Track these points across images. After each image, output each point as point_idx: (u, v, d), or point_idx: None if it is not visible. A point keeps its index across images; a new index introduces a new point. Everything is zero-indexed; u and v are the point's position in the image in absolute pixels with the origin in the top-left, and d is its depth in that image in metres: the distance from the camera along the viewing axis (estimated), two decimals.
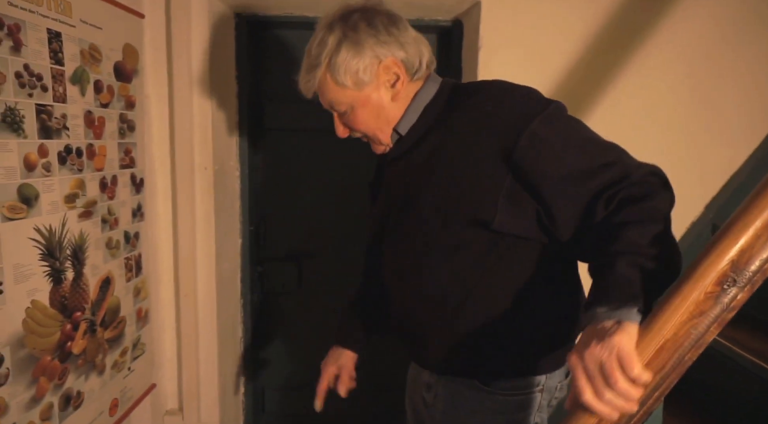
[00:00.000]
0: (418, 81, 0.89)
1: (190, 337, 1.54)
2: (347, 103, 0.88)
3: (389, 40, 0.84)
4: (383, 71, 0.85)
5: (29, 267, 0.93)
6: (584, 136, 0.80)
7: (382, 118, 0.89)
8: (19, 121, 0.90)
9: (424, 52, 0.88)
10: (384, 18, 0.85)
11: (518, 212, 0.81)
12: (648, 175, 0.76)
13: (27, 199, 0.92)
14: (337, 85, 0.86)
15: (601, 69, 1.47)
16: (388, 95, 0.87)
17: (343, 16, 0.85)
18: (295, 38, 1.66)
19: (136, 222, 1.33)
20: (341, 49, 0.83)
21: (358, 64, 0.83)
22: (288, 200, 1.75)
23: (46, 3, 0.94)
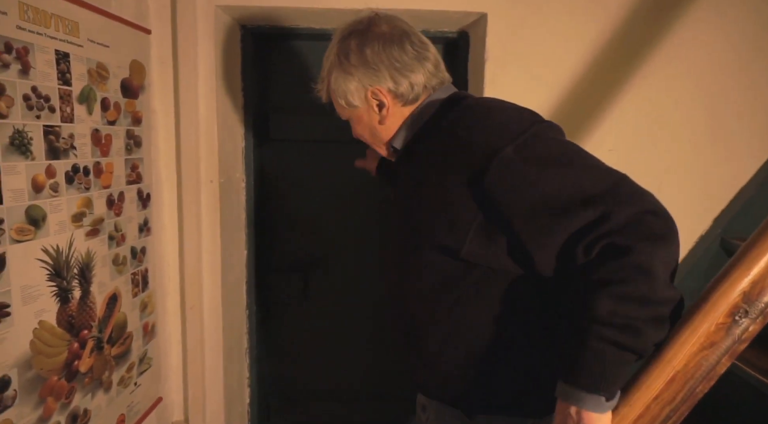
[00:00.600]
0: (416, 102, 0.89)
1: (196, 349, 1.54)
2: (346, 116, 0.94)
3: (377, 68, 0.84)
4: (371, 97, 0.87)
5: (37, 288, 0.93)
6: (567, 162, 0.72)
7: (376, 135, 0.93)
8: (27, 144, 0.90)
9: (420, 79, 0.86)
10: (377, 44, 0.84)
11: (491, 244, 0.76)
12: (638, 216, 0.66)
13: (35, 221, 0.92)
14: (335, 101, 0.93)
15: (608, 82, 1.46)
16: (377, 118, 0.90)
17: (343, 38, 0.88)
18: (301, 50, 1.66)
19: (143, 237, 1.33)
20: (333, 72, 0.88)
21: (347, 89, 0.87)
22: (294, 211, 1.76)
23: (54, 24, 0.95)
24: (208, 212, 1.51)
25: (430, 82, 0.88)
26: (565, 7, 1.41)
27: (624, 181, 0.70)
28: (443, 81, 0.91)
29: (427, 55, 0.88)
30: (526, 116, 0.79)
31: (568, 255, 0.69)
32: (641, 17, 1.42)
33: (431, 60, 0.88)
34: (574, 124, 1.48)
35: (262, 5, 1.42)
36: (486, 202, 0.74)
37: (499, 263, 0.78)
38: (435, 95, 0.89)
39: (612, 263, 0.65)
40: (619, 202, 0.67)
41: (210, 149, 1.49)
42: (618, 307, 0.64)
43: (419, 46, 0.87)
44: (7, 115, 0.85)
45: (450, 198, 0.76)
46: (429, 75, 0.87)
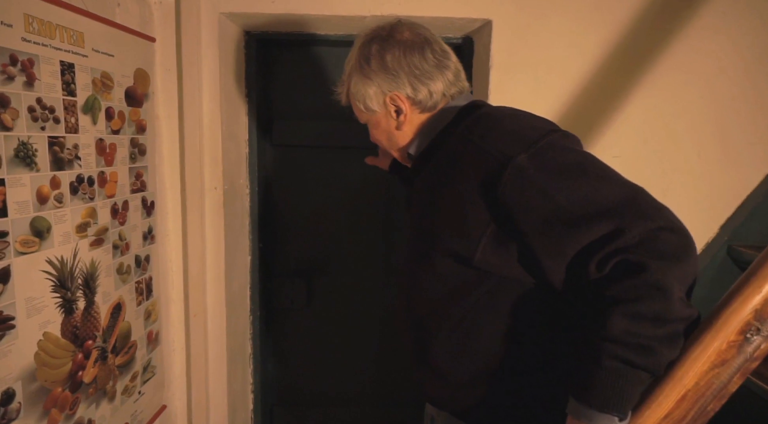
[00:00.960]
0: (434, 110, 0.89)
1: (200, 356, 1.54)
2: (364, 120, 0.96)
3: (397, 74, 0.85)
4: (389, 102, 0.88)
5: (41, 300, 0.93)
6: (582, 172, 0.70)
7: (392, 141, 0.94)
8: (31, 156, 0.90)
9: (439, 87, 0.87)
10: (398, 50, 0.85)
11: (503, 252, 0.75)
12: (654, 232, 0.64)
13: (39, 232, 0.92)
14: (354, 105, 0.93)
15: (614, 89, 1.46)
16: (394, 124, 0.91)
17: (364, 43, 0.89)
18: (305, 55, 1.66)
19: (147, 245, 1.33)
20: (353, 76, 0.90)
21: (366, 93, 0.89)
22: (297, 217, 1.75)
23: (59, 35, 0.95)
24: (212, 218, 1.51)
25: (449, 90, 0.88)
26: (570, 13, 1.41)
27: (640, 194, 0.68)
28: (462, 90, 0.91)
29: (448, 64, 0.88)
30: (542, 125, 0.78)
31: (579, 268, 0.68)
32: (648, 23, 1.41)
33: (451, 69, 0.89)
34: (579, 130, 1.44)
35: (267, 12, 1.42)
36: (499, 210, 0.73)
37: (511, 272, 0.77)
38: (452, 103, 0.89)
39: (626, 281, 0.64)
40: (635, 217, 0.65)
41: (214, 156, 1.49)
42: (631, 326, 0.63)
43: (440, 55, 0.88)
44: (12, 128, 0.85)
45: (463, 205, 0.76)
46: (448, 83, 0.88)
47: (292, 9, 1.42)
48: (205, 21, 1.41)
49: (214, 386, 1.57)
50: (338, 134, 1.70)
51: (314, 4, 1.41)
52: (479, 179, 0.74)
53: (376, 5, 1.43)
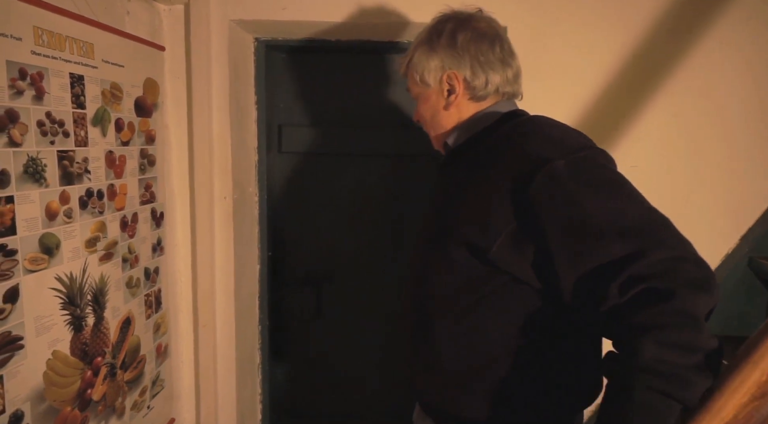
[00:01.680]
0: (481, 102, 0.90)
1: (209, 368, 1.52)
2: (416, 92, 0.95)
3: (462, 55, 0.86)
4: (445, 79, 0.89)
5: (50, 318, 0.91)
6: (614, 190, 0.70)
7: (436, 120, 0.93)
8: (41, 171, 0.88)
9: (495, 79, 0.88)
10: (470, 33, 0.87)
11: (519, 252, 0.74)
12: (676, 262, 0.63)
13: (48, 249, 0.90)
14: (411, 77, 0.94)
15: (631, 96, 1.42)
16: (443, 103, 0.91)
17: (441, 20, 0.91)
18: (314, 62, 1.63)
19: (156, 257, 1.31)
20: (420, 47, 0.91)
21: (425, 66, 0.89)
22: (306, 224, 1.73)
23: (68, 47, 0.93)
24: (222, 228, 1.48)
25: (504, 87, 0.89)
26: (585, 18, 1.38)
27: (666, 223, 0.68)
28: (516, 93, 0.93)
29: (511, 63, 0.90)
30: (583, 139, 0.79)
31: (596, 287, 0.66)
32: (666, 27, 1.37)
33: (513, 69, 0.90)
34: (595, 138, 1.44)
35: (279, 20, 1.39)
36: (524, 210, 0.72)
37: (523, 274, 0.76)
38: (498, 105, 0.90)
39: (654, 308, 0.62)
40: (658, 243, 0.64)
41: (223, 165, 1.46)
42: (664, 354, 0.61)
43: (507, 53, 0.90)
44: (21, 143, 0.83)
45: (490, 199, 0.75)
46: (506, 80, 0.89)
47: (304, 16, 1.39)
48: (215, 28, 1.39)
49: (223, 398, 1.55)
50: (348, 141, 1.67)
51: (327, 12, 1.38)
52: (512, 177, 0.74)
53: (387, 12, 1.40)
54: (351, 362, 1.78)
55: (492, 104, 0.90)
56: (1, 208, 0.80)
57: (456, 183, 0.86)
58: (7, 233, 0.81)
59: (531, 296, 0.78)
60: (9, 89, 0.80)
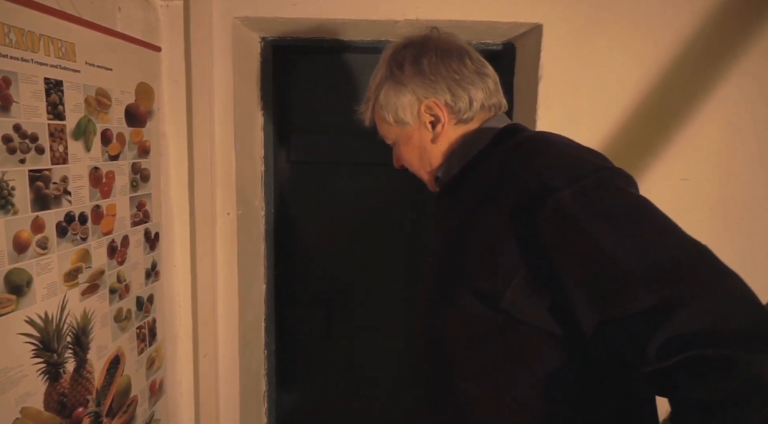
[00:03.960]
0: (469, 123, 0.80)
1: (210, 401, 1.37)
2: (393, 138, 0.87)
3: (435, 79, 0.77)
4: (424, 111, 0.79)
5: (18, 369, 0.77)
6: (635, 220, 0.58)
7: (425, 159, 0.84)
8: (7, 196, 0.73)
9: (479, 95, 0.78)
10: (434, 56, 0.78)
11: (535, 296, 0.63)
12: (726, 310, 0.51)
13: (17, 288, 0.76)
14: (382, 120, 0.85)
15: (680, 102, 1.27)
16: (429, 137, 0.81)
17: (395, 52, 0.82)
18: (326, 63, 1.49)
19: (151, 283, 1.16)
20: (384, 86, 0.81)
21: (397, 103, 0.80)
22: (316, 240, 1.59)
23: (43, 48, 0.78)
24: (224, 247, 1.34)
25: (488, 100, 0.80)
26: (630, 17, 1.23)
27: (704, 256, 0.55)
28: (500, 105, 0.83)
29: (487, 72, 0.81)
30: (591, 159, 0.66)
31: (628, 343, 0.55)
32: (720, 27, 1.22)
33: (491, 77, 0.81)
34: (640, 149, 1.29)
35: (287, 17, 1.25)
36: (533, 249, 0.62)
37: (543, 322, 0.64)
38: (489, 123, 0.80)
39: (712, 382, 0.49)
40: (697, 287, 0.52)
41: (227, 177, 1.32)
42: None
43: (478, 62, 0.80)
44: None
45: (494, 238, 0.66)
46: (489, 92, 0.80)
47: (316, 13, 1.25)
48: (218, 26, 1.25)
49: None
50: (361, 149, 1.53)
51: (342, 8, 1.24)
52: (515, 211, 0.64)
53: (411, 9, 1.26)
54: (363, 386, 1.64)
55: (481, 124, 0.80)
56: None
57: (455, 219, 0.76)
58: None
59: (558, 346, 0.66)
60: None
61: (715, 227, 1.32)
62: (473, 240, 0.70)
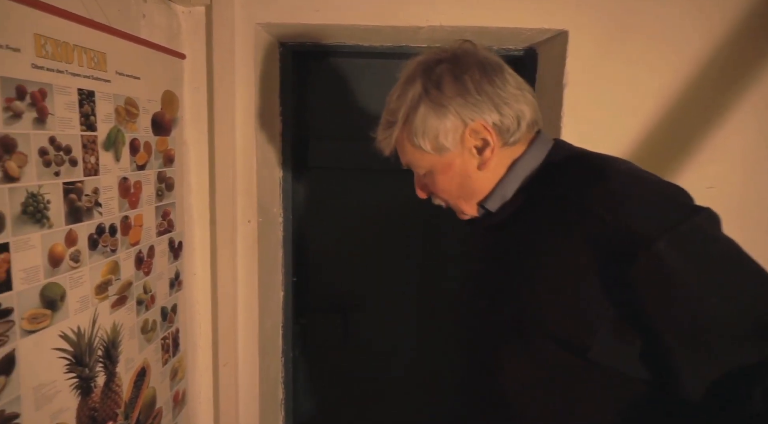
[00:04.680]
0: (517, 145, 0.73)
1: (230, 412, 1.36)
2: (426, 167, 0.75)
3: (480, 99, 0.69)
4: (470, 136, 0.70)
5: (53, 385, 0.75)
6: (736, 268, 0.57)
7: (466, 188, 0.75)
8: (43, 209, 0.72)
9: (525, 112, 0.71)
10: (476, 72, 0.69)
11: (624, 345, 0.61)
12: None
13: (52, 303, 0.74)
14: (414, 147, 0.73)
15: (709, 109, 1.26)
16: (475, 163, 0.72)
17: (427, 68, 0.71)
18: (346, 69, 1.48)
19: (174, 293, 1.15)
20: (419, 108, 0.70)
21: (439, 128, 0.70)
22: (332, 245, 1.58)
23: (77, 59, 0.77)
24: (245, 255, 1.33)
25: (534, 116, 0.73)
26: (658, 23, 1.21)
27: None
28: (539, 121, 0.75)
29: (525, 86, 0.73)
30: (681, 199, 0.62)
31: (730, 389, 0.55)
32: (752, 31, 1.21)
33: (529, 91, 0.74)
34: (667, 158, 1.28)
35: (311, 23, 1.23)
36: (623, 298, 0.59)
37: (631, 367, 0.62)
38: (536, 146, 0.73)
39: None
40: None
41: (248, 185, 1.31)
42: None
43: (515, 77, 0.73)
44: (18, 178, 0.67)
45: (574, 286, 0.61)
46: (533, 107, 0.73)
47: (339, 19, 1.24)
48: (240, 33, 1.23)
49: None
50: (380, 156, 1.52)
51: (366, 14, 1.22)
52: (602, 257, 0.60)
53: (435, 15, 1.24)
54: (379, 393, 1.63)
55: (527, 146, 0.73)
56: None
57: (517, 255, 0.70)
58: (1, 290, 0.65)
59: (644, 393, 0.64)
60: (3, 112, 0.64)
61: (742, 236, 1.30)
62: (548, 279, 0.65)
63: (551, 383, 0.67)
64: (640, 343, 0.60)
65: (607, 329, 0.60)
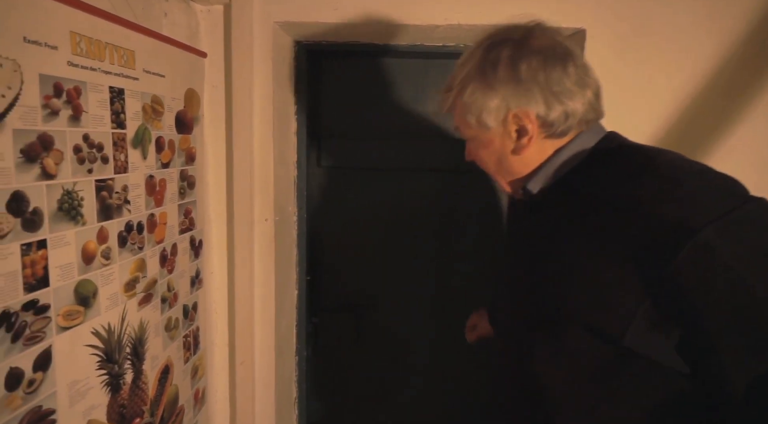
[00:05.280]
0: (563, 137, 0.72)
1: (246, 411, 1.36)
2: (470, 136, 0.77)
3: (531, 88, 0.68)
4: (512, 120, 0.71)
5: (85, 382, 0.76)
6: None
7: (504, 166, 0.76)
8: (77, 206, 0.72)
9: (577, 109, 0.69)
10: (536, 60, 0.68)
11: (658, 335, 0.61)
12: None
13: (84, 299, 0.75)
14: (462, 117, 0.75)
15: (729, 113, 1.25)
16: (511, 147, 0.73)
17: (491, 45, 0.71)
18: (359, 67, 1.48)
19: (195, 291, 1.15)
20: (471, 83, 0.71)
21: (484, 106, 0.71)
22: (345, 244, 1.58)
23: (108, 57, 0.77)
24: (262, 254, 1.33)
25: (587, 114, 0.71)
26: (677, 23, 1.22)
27: None
28: (598, 116, 0.74)
29: (589, 81, 0.71)
30: (731, 186, 0.60)
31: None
32: (765, 35, 1.22)
33: (592, 87, 0.71)
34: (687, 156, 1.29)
35: (328, 21, 1.24)
36: (662, 287, 0.58)
37: (666, 358, 0.62)
38: (586, 135, 0.73)
39: None
40: None
41: (265, 183, 1.31)
42: None
43: (582, 70, 0.70)
44: (55, 174, 0.68)
45: (611, 272, 0.61)
46: (588, 106, 0.71)
47: (357, 18, 1.24)
48: (258, 31, 1.24)
49: None
50: (392, 154, 1.53)
51: (384, 12, 1.23)
52: (640, 246, 0.59)
53: (453, 13, 1.25)
54: (392, 393, 1.63)
55: (575, 137, 0.72)
56: (33, 255, 0.64)
57: (555, 245, 0.69)
58: (38, 286, 0.66)
59: (678, 382, 0.63)
60: (42, 109, 0.65)
61: None
62: (580, 268, 0.65)
63: (591, 376, 0.66)
64: (678, 335, 0.60)
65: (641, 317, 0.60)
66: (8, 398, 0.61)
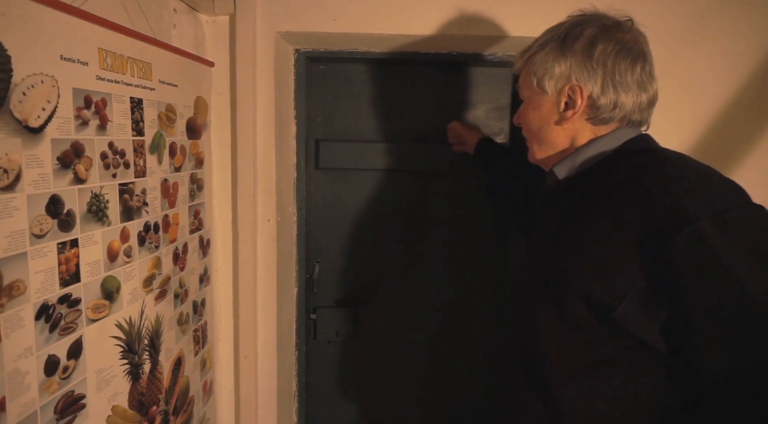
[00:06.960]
0: (601, 126, 0.78)
1: (250, 402, 1.42)
2: (526, 96, 0.84)
3: (596, 68, 0.74)
4: (567, 90, 0.77)
5: (110, 370, 0.82)
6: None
7: (543, 133, 0.82)
8: (103, 208, 0.78)
9: (626, 105, 0.75)
10: (612, 46, 0.74)
11: (647, 314, 0.65)
12: None
13: (110, 294, 0.81)
14: (527, 74, 0.81)
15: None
16: (555, 116, 0.79)
17: (581, 22, 0.77)
18: (355, 73, 1.55)
19: (203, 288, 1.21)
20: (549, 45, 0.78)
21: (547, 70, 0.77)
22: (342, 243, 1.64)
23: (129, 69, 0.83)
24: (264, 253, 1.39)
25: (633, 114, 0.76)
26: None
27: None
28: (643, 122, 0.79)
29: (649, 88, 0.77)
30: (735, 191, 0.66)
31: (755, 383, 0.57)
32: None
33: (649, 94, 0.77)
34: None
35: (328, 32, 1.31)
36: (658, 270, 0.62)
37: (651, 337, 0.66)
38: (619, 133, 0.77)
39: None
40: None
41: (267, 185, 1.38)
42: None
43: (648, 75, 0.76)
44: (86, 179, 0.74)
45: (615, 252, 0.66)
46: (637, 107, 0.76)
47: (354, 28, 1.31)
48: (261, 41, 1.30)
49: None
50: (387, 156, 1.59)
51: (381, 23, 1.30)
52: (644, 230, 0.64)
53: (449, 24, 1.32)
54: (390, 387, 1.70)
55: (612, 130, 0.77)
56: (67, 253, 0.71)
57: (569, 225, 0.75)
58: (71, 281, 0.72)
59: (659, 364, 0.68)
60: (75, 120, 0.71)
61: None
62: (592, 248, 0.69)
63: (584, 345, 0.71)
64: (665, 315, 0.63)
65: (635, 294, 0.64)
66: (47, 383, 0.68)
